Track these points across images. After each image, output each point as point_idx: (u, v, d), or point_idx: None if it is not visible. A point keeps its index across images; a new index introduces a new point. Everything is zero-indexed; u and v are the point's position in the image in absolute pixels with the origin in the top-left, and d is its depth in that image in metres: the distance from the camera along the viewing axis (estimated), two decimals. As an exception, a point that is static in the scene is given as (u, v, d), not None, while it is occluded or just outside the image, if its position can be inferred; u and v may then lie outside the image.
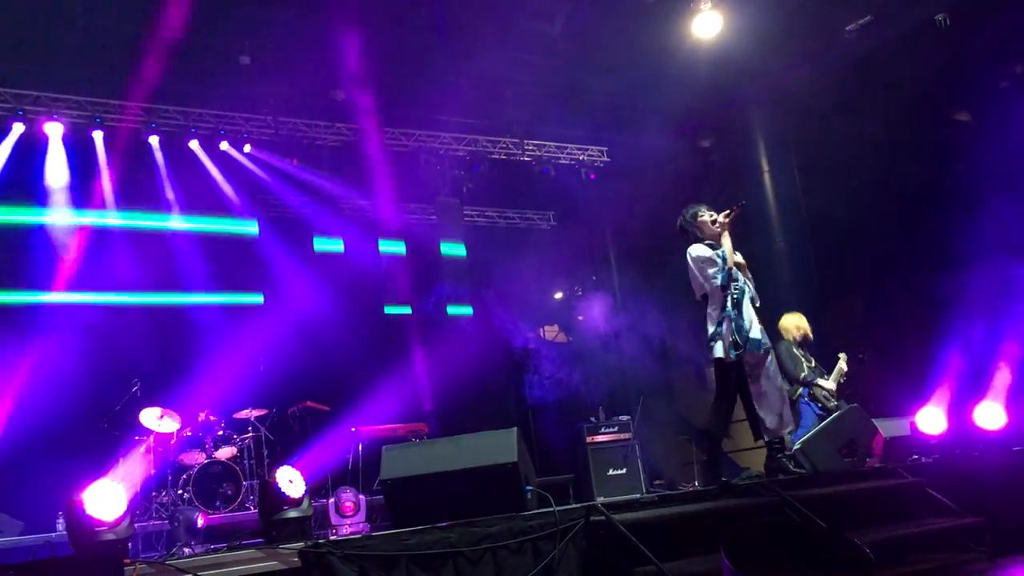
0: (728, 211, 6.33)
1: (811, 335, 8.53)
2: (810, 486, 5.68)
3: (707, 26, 9.78)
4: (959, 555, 5.24)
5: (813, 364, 8.37)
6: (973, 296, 8.77)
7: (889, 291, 10.35)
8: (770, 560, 3.45)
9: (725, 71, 10.47)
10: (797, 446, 6.91)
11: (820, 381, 8.16)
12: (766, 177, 11.44)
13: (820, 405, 8.11)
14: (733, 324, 6.06)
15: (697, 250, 6.28)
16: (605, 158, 12.85)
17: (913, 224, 9.90)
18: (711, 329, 6.21)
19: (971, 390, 7.37)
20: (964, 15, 9.38)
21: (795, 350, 8.33)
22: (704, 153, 12.42)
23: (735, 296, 6.12)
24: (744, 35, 9.97)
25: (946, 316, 8.82)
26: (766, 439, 6.27)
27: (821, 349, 10.72)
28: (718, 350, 6.14)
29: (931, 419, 6.85)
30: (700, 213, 6.40)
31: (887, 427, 7.06)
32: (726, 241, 6.24)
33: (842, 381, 8.35)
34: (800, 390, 8.22)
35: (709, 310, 6.25)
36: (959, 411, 6.87)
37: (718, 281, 6.15)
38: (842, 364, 8.36)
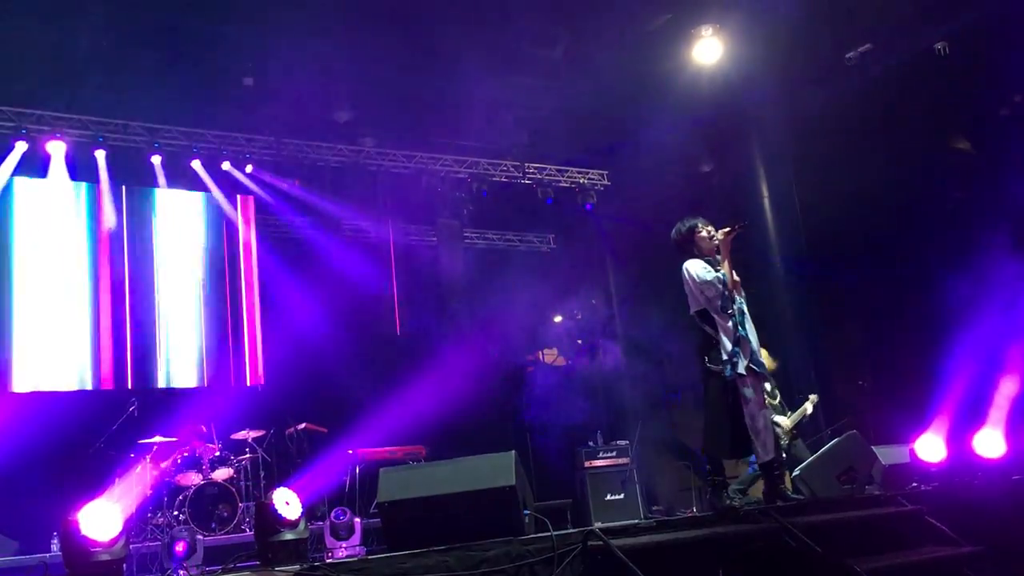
0: (728, 228, 6.13)
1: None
2: (809, 513, 5.65)
3: (708, 52, 9.85)
4: (958, 584, 5.20)
5: (777, 400, 8.33)
6: (973, 323, 8.76)
7: (889, 317, 10.35)
8: (768, 587, 3.42)
9: (725, 96, 10.53)
10: (796, 473, 6.89)
11: (776, 418, 8.12)
12: (766, 202, 11.46)
13: None
14: (738, 344, 5.92)
15: (695, 268, 6.05)
16: (606, 181, 12.89)
17: (912, 250, 9.91)
18: (710, 345, 6.02)
19: (971, 418, 7.35)
20: (964, 44, 9.45)
21: None
22: (704, 177, 12.46)
23: (737, 318, 5.99)
24: (745, 62, 10.05)
25: (946, 343, 8.82)
26: (759, 464, 6.18)
27: (819, 374, 10.73)
28: (718, 367, 5.94)
29: (930, 446, 6.81)
30: (697, 228, 6.18)
31: (886, 454, 7.03)
32: (725, 264, 6.07)
33: (803, 421, 8.33)
34: None
35: (706, 327, 6.05)
36: (959, 439, 6.84)
37: (718, 304, 6.00)
38: (808, 406, 8.35)
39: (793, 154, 11.32)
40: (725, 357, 5.91)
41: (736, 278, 6.14)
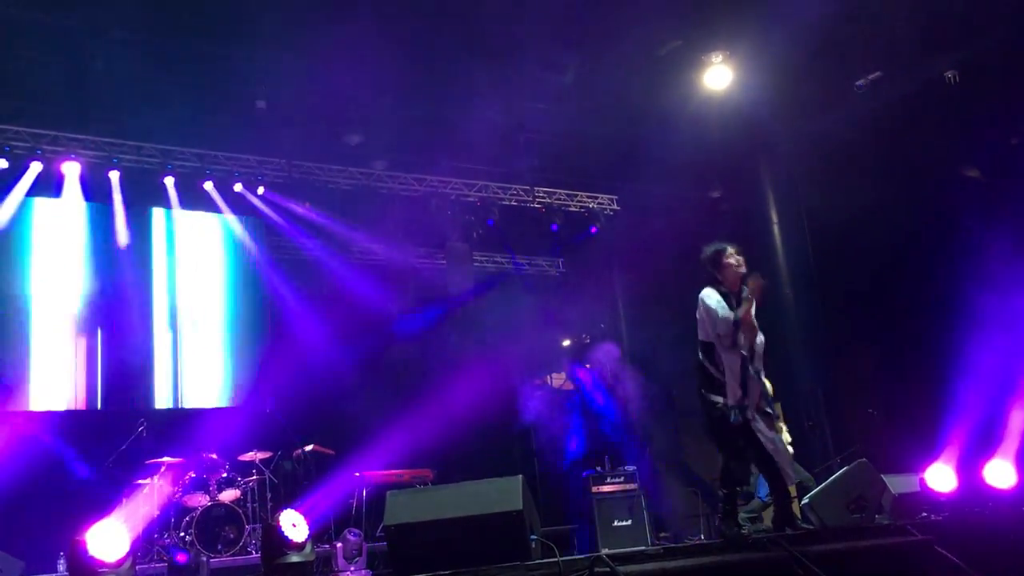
0: (760, 283, 6.03)
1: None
2: (818, 542, 5.61)
3: (718, 79, 9.90)
4: (969, 615, 5.15)
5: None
6: (984, 352, 8.73)
7: (898, 345, 10.32)
8: (777, 617, 3.40)
9: (735, 123, 10.58)
10: (805, 501, 6.85)
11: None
12: (775, 228, 11.48)
13: None
14: (745, 385, 5.87)
15: (711, 301, 5.94)
16: (615, 206, 12.92)
17: (922, 278, 9.89)
18: (711, 380, 5.95)
19: (981, 447, 7.30)
20: (974, 72, 9.48)
21: None
22: (713, 203, 12.48)
23: (747, 358, 5.92)
24: (754, 88, 10.09)
25: (956, 372, 8.78)
26: (777, 489, 6.13)
27: (828, 402, 10.68)
28: (721, 407, 5.88)
29: (941, 476, 6.76)
30: (726, 254, 6.06)
31: (896, 483, 6.97)
32: (747, 306, 5.94)
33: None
34: None
35: (707, 363, 5.97)
36: (969, 468, 6.79)
37: (727, 343, 5.90)
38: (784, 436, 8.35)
39: (802, 180, 11.34)
40: (732, 402, 5.84)
41: (755, 322, 6.04)
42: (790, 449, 8.15)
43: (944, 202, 9.94)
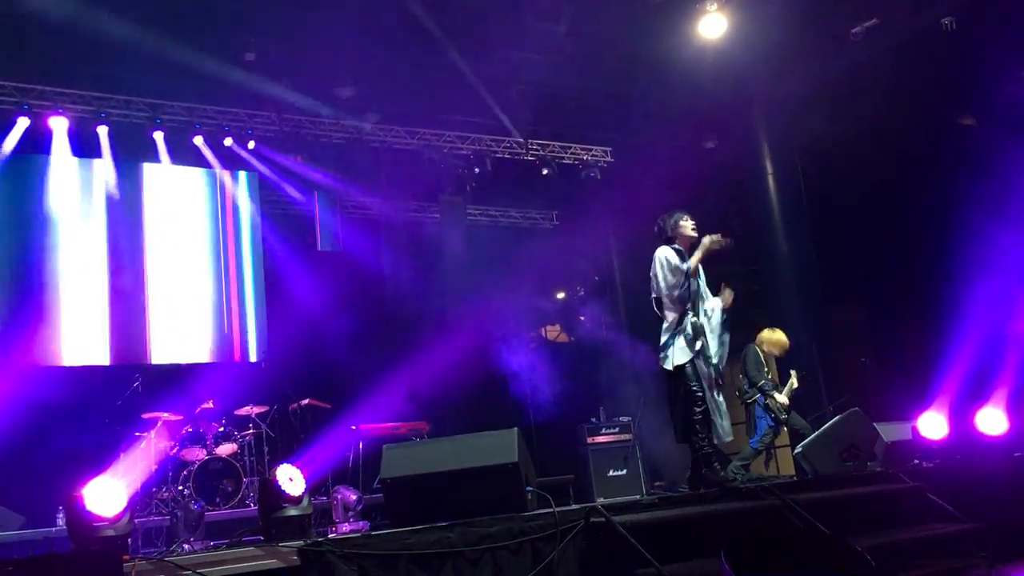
0: (717, 238, 6.41)
1: (781, 355, 8.66)
2: (811, 490, 5.68)
3: (713, 27, 9.77)
4: (960, 560, 5.23)
5: (771, 377, 8.49)
6: (976, 301, 8.76)
7: (892, 295, 10.36)
8: (769, 564, 3.44)
9: (730, 72, 10.45)
10: (798, 449, 6.92)
11: (775, 394, 8.26)
12: (770, 179, 11.42)
13: (773, 416, 8.23)
14: (693, 334, 6.21)
15: (667, 254, 6.42)
16: (609, 158, 12.84)
17: (917, 229, 9.89)
18: (664, 337, 6.38)
19: (973, 395, 7.36)
20: (971, 19, 9.36)
21: (762, 357, 8.45)
22: (708, 154, 12.40)
23: (700, 309, 6.31)
24: (750, 37, 9.96)
25: (949, 321, 8.82)
26: (707, 447, 6.27)
27: (822, 351, 10.73)
28: (673, 358, 6.29)
29: (933, 424, 6.83)
30: (683, 220, 6.57)
31: (888, 431, 7.06)
32: (695, 259, 6.37)
33: (792, 395, 8.48)
34: (756, 396, 8.31)
35: (665, 313, 6.41)
36: (961, 416, 6.86)
37: (676, 293, 6.30)
38: (793, 381, 8.52)
39: (797, 130, 11.26)
40: (673, 347, 6.26)
41: (702, 281, 6.48)
42: (783, 400, 8.26)
43: (939, 151, 9.90)
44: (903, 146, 10.00)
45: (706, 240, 6.41)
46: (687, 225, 6.54)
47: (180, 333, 10.34)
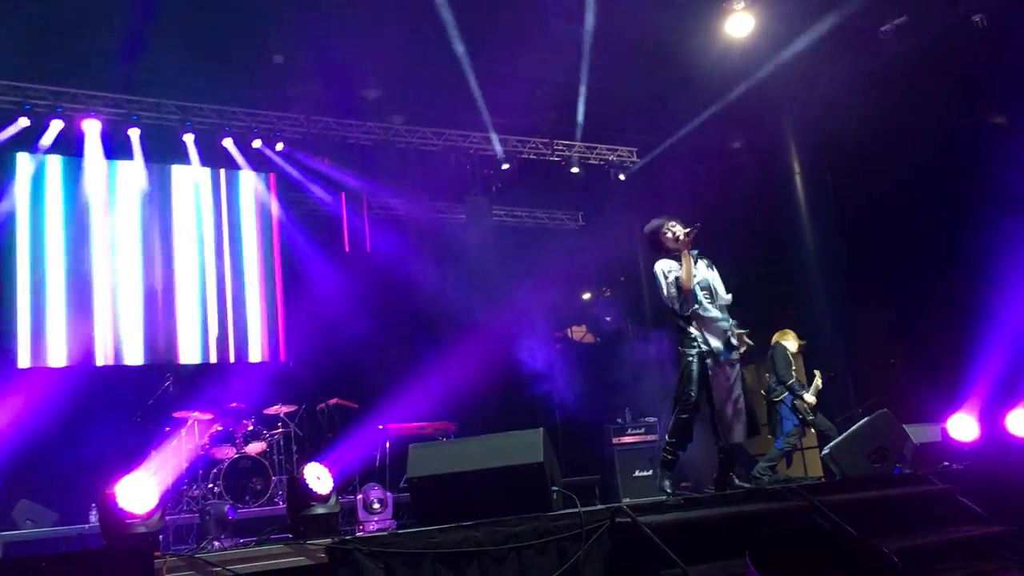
0: (688, 229, 6.28)
1: (801, 350, 8.62)
2: (838, 491, 5.65)
3: (739, 26, 9.73)
4: (991, 563, 5.17)
5: (794, 379, 8.43)
6: (1007, 301, 8.65)
7: (921, 295, 10.23)
8: (795, 566, 3.43)
9: (757, 71, 10.40)
10: (826, 451, 6.87)
11: (804, 394, 8.21)
12: (797, 179, 11.36)
13: (800, 417, 8.16)
14: (700, 338, 6.13)
15: (663, 267, 6.30)
16: (635, 158, 12.82)
17: (947, 227, 9.77)
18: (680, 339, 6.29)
19: (1004, 396, 7.26)
20: (1002, 16, 9.25)
21: (790, 356, 8.39)
22: (734, 154, 12.35)
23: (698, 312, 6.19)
24: (776, 35, 9.91)
25: (979, 321, 8.71)
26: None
27: (850, 352, 10.65)
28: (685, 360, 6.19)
29: (963, 425, 6.75)
30: (663, 228, 6.37)
31: (917, 433, 6.97)
32: (686, 261, 6.21)
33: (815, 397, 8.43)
34: (784, 395, 8.25)
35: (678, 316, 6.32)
36: (992, 417, 6.77)
37: (675, 305, 6.22)
38: (818, 381, 8.43)
39: (826, 129, 11.18)
40: (690, 352, 6.13)
41: (693, 273, 6.25)
42: (812, 399, 8.20)
43: (970, 150, 9.77)
44: (933, 145, 9.88)
45: (684, 251, 6.24)
46: (668, 236, 6.34)
47: (210, 333, 10.45)
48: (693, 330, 6.15)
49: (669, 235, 6.33)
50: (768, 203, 11.50)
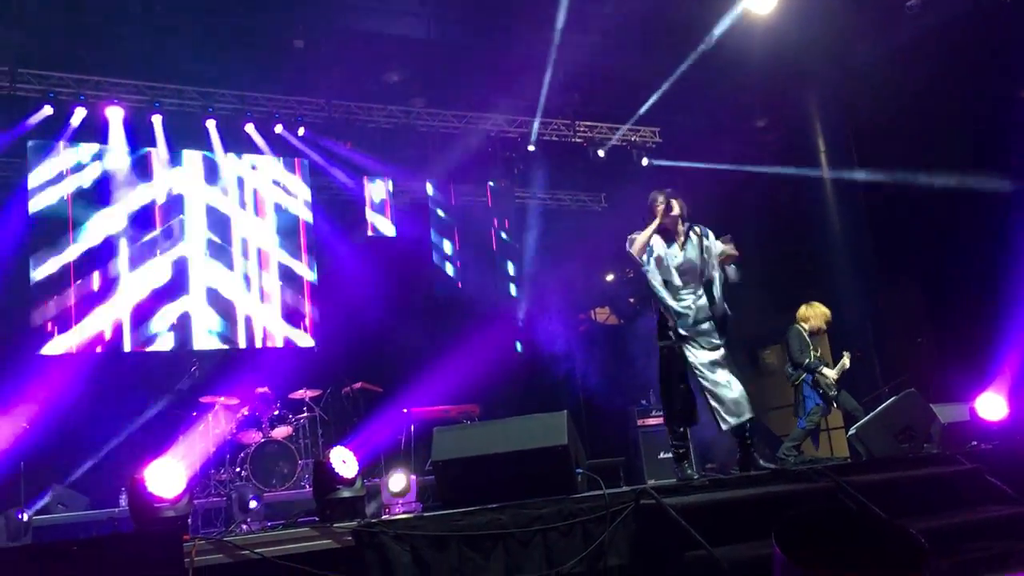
0: (663, 205, 6.29)
1: (826, 329, 8.48)
2: (865, 472, 5.61)
3: (762, 3, 9.61)
4: (1018, 543, 5.12)
5: (818, 354, 8.33)
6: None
7: (948, 273, 10.12)
8: (821, 546, 3.41)
9: (780, 49, 10.28)
10: (852, 431, 6.83)
11: (824, 370, 8.12)
12: (822, 157, 11.24)
13: (822, 393, 8.07)
14: (672, 328, 6.05)
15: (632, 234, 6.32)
16: (658, 139, 12.73)
17: (973, 205, 9.64)
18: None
19: (1033, 375, 7.19)
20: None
21: (805, 336, 8.30)
22: (758, 133, 12.23)
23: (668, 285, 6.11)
24: (801, 12, 9.78)
25: (1008, 300, 8.61)
26: (726, 429, 6.12)
27: (877, 331, 10.56)
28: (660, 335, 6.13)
29: (991, 405, 6.67)
30: (656, 200, 6.35)
31: (945, 413, 6.91)
32: (648, 229, 6.22)
33: (841, 375, 8.33)
34: (803, 376, 8.18)
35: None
36: (1021, 396, 6.70)
37: (647, 277, 6.20)
38: (845, 361, 8.32)
39: (850, 107, 11.05)
40: (668, 325, 6.05)
41: (646, 245, 6.25)
42: (833, 375, 8.12)
43: (998, 126, 9.62)
44: (959, 119, 9.74)
45: (660, 208, 6.22)
46: (658, 210, 6.28)
47: (236, 319, 10.53)
48: (666, 320, 6.08)
49: (659, 210, 6.27)
50: (793, 181, 11.39)
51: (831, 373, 8.16)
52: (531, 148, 11.97)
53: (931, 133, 9.81)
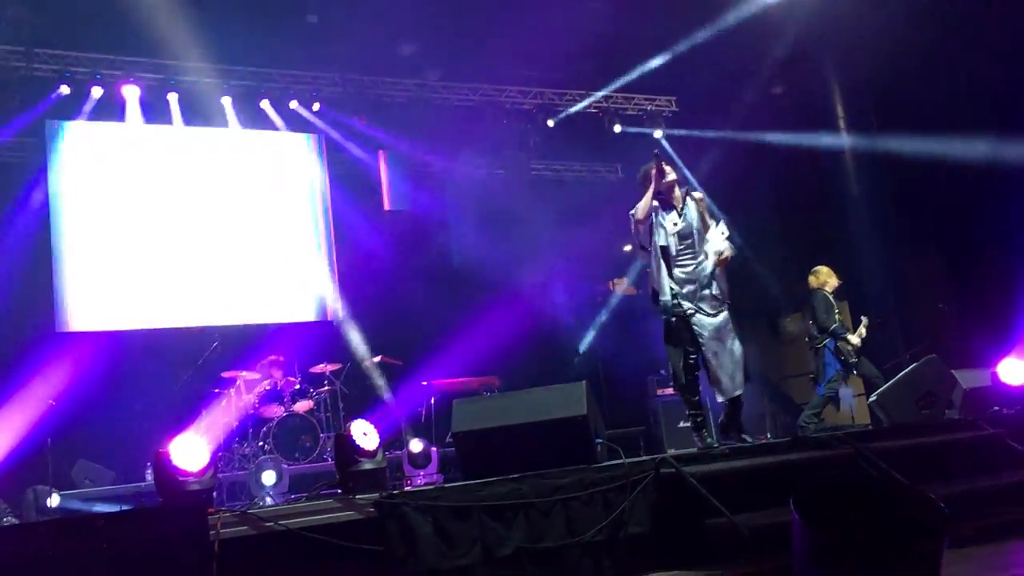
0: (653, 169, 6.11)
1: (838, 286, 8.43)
2: (886, 438, 5.61)
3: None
4: (1040, 508, 5.11)
5: (838, 319, 8.27)
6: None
7: (969, 239, 10.03)
8: (840, 513, 3.42)
9: (798, 15, 10.16)
10: (873, 398, 6.81)
11: (848, 336, 8.05)
12: (841, 123, 11.13)
13: (842, 360, 8.00)
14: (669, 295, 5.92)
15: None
16: (674, 107, 12.63)
17: (997, 168, 9.52)
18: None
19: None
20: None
21: (831, 299, 8.23)
22: (775, 100, 12.10)
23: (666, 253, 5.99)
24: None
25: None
26: (722, 399, 5.93)
27: (898, 297, 10.49)
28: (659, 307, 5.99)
29: (1013, 369, 6.64)
30: (649, 167, 6.16)
31: (967, 378, 6.88)
32: (645, 198, 6.07)
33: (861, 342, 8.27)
34: (826, 340, 8.12)
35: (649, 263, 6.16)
36: (1043, 362, 6.65)
37: (636, 241, 6.15)
38: (863, 329, 8.24)
39: (869, 71, 10.90)
40: (664, 297, 5.89)
41: (648, 209, 6.06)
42: (856, 341, 8.06)
43: (1020, 88, 9.48)
44: (980, 83, 9.60)
45: (650, 188, 6.04)
46: (652, 174, 6.09)
47: (256, 294, 10.58)
48: (664, 287, 5.90)
49: (652, 173, 6.10)
50: (811, 147, 11.29)
51: (855, 339, 8.10)
52: (550, 123, 11.92)
53: (951, 96, 9.67)
